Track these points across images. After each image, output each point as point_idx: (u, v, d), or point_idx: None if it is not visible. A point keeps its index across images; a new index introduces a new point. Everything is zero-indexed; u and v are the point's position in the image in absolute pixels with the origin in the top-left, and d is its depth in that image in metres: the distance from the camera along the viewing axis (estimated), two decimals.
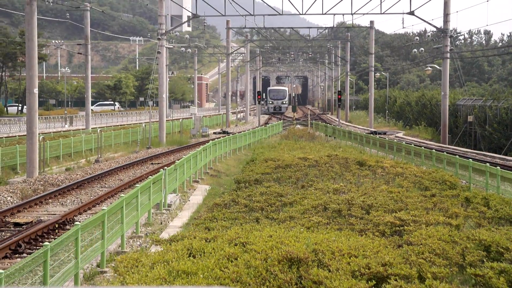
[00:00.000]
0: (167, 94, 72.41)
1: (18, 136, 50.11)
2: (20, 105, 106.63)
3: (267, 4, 50.46)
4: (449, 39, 50.61)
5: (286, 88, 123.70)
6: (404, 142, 38.76)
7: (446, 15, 49.96)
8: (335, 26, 69.56)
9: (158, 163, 35.07)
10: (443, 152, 30.67)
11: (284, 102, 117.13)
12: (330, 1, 50.35)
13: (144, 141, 49.10)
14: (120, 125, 71.56)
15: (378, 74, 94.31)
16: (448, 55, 51.02)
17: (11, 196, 23.29)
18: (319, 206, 16.81)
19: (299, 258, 11.76)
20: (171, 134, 57.93)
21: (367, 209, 16.38)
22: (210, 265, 11.51)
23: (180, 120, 64.92)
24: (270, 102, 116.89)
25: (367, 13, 53.32)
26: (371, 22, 76.11)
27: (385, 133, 58.89)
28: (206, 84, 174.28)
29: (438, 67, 63.88)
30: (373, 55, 75.08)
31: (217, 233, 13.76)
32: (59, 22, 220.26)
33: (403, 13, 52.54)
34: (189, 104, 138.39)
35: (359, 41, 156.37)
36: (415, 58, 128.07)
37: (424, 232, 13.61)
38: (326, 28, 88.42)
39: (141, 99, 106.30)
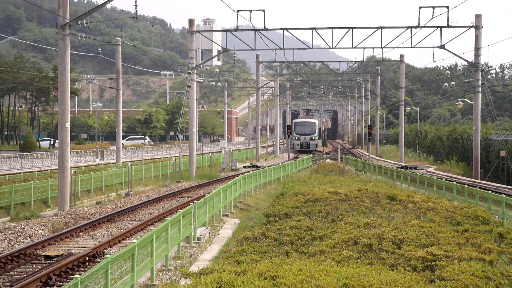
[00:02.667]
0: (197, 128, 72.82)
1: (50, 170, 50.61)
2: (52, 139, 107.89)
3: (297, 38, 50.70)
4: (480, 73, 50.35)
5: (316, 121, 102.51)
6: (435, 177, 38.40)
7: (477, 49, 49.76)
8: (365, 60, 69.64)
9: (188, 197, 35.13)
10: (475, 187, 30.32)
11: (313, 138, 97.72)
12: (360, 35, 50.70)
13: (174, 175, 49.28)
14: (150, 159, 71.96)
15: (408, 108, 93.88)
16: (480, 89, 50.70)
17: (42, 229, 23.45)
18: (349, 240, 16.67)
19: None
20: (201, 168, 58.09)
21: (398, 244, 16.19)
22: None
23: (210, 154, 65.12)
24: (296, 138, 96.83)
25: (397, 47, 53.30)
26: (401, 56, 76.06)
27: (416, 168, 58.45)
28: (236, 118, 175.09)
29: (469, 101, 63.48)
30: (403, 89, 74.85)
31: (247, 267, 13.70)
32: (91, 57, 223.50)
33: (433, 47, 52.47)
34: (219, 138, 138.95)
35: (389, 75, 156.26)
36: (445, 92, 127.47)
37: (456, 267, 13.42)
38: (356, 62, 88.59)
39: (171, 133, 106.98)
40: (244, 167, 61.86)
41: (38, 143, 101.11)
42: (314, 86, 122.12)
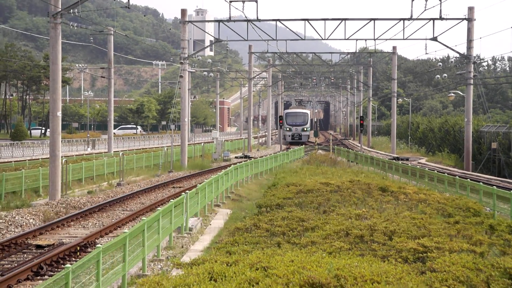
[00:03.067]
0: (189, 118, 72.70)
1: (41, 159, 50.46)
2: (43, 128, 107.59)
3: (289, 29, 50.63)
4: (472, 65, 50.44)
5: (308, 112, 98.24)
6: (427, 168, 38.49)
7: (469, 41, 49.83)
8: (357, 51, 69.66)
9: (180, 187, 35.10)
10: (467, 178, 30.40)
11: (305, 129, 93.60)
12: (352, 26, 50.59)
13: (166, 165, 49.22)
14: (142, 148, 71.86)
15: (400, 99, 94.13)
16: (472, 81, 50.80)
17: (33, 219, 23.39)
18: (341, 232, 16.69)
19: (321, 283, 11.65)
20: (193, 158, 58.04)
21: (389, 235, 16.22)
22: None
23: (202, 144, 65.07)
24: (287, 129, 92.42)
25: (390, 39, 53.30)
26: (394, 48, 76.13)
27: (407, 159, 58.59)
28: (228, 108, 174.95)
29: (461, 93, 63.61)
30: (396, 81, 74.93)
31: (239, 257, 13.70)
32: (83, 46, 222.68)
33: (426, 39, 52.49)
34: (211, 128, 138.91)
35: (382, 66, 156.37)
36: (438, 84, 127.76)
37: (447, 259, 13.45)
38: (348, 53, 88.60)
39: (163, 123, 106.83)
40: (236, 157, 61.85)
41: (29, 131, 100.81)
42: (307, 77, 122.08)
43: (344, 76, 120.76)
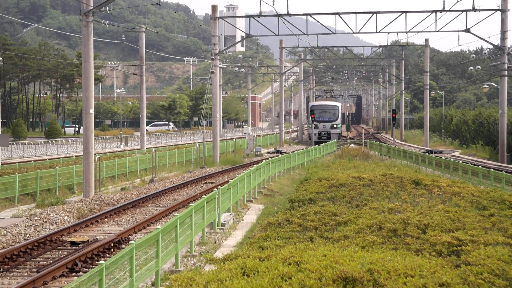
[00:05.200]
0: (221, 114, 72.92)
1: (75, 156, 50.97)
2: (77, 126, 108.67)
3: (320, 23, 50.43)
4: (506, 56, 49.78)
5: (339, 105, 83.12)
6: (461, 161, 38.10)
7: (503, 32, 49.17)
8: (389, 44, 69.12)
9: (212, 183, 35.19)
10: (502, 171, 30.02)
11: (335, 126, 78.96)
12: (384, 19, 50.28)
13: (198, 161, 49.39)
14: (175, 145, 72.20)
15: (433, 92, 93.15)
16: (506, 72, 50.14)
17: (68, 216, 23.62)
18: (374, 226, 16.60)
19: (354, 278, 11.60)
20: (225, 153, 58.17)
21: (423, 229, 16.09)
22: (264, 284, 11.44)
23: (234, 139, 65.17)
24: (314, 126, 77.00)
25: (422, 31, 52.82)
26: (426, 40, 75.40)
27: (441, 152, 58.05)
28: (260, 103, 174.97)
29: (495, 85, 62.82)
30: (428, 73, 74.25)
31: (271, 252, 13.69)
32: (115, 44, 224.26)
33: (459, 31, 51.94)
34: (243, 123, 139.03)
35: (414, 59, 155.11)
36: (471, 76, 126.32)
37: (482, 252, 13.30)
38: (380, 46, 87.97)
39: (195, 119, 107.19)
40: (268, 152, 61.81)
41: (63, 129, 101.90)
42: (338, 71, 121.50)
43: (376, 70, 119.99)
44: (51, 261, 16.56)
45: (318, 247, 14.35)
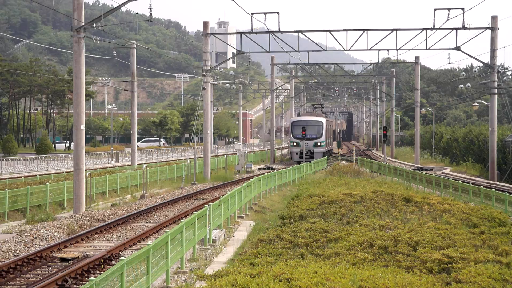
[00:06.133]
0: (212, 130, 72.95)
1: (66, 172, 50.83)
2: (67, 141, 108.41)
3: (311, 40, 50.65)
4: (496, 74, 50.07)
5: (323, 120, 73.06)
6: (451, 179, 38.21)
7: (493, 50, 49.49)
8: (380, 61, 69.37)
9: (203, 199, 35.16)
10: (492, 188, 30.11)
11: (319, 144, 70.64)
12: (374, 37, 50.64)
13: (189, 177, 49.34)
14: (166, 161, 72.12)
15: (424, 110, 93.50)
16: (496, 90, 50.43)
17: (58, 232, 23.53)
18: (364, 243, 16.61)
19: None
20: (216, 170, 58.12)
21: (414, 246, 16.11)
22: None
23: (225, 156, 65.17)
24: (294, 144, 70.43)
25: (412, 49, 53.06)
26: (417, 58, 75.83)
27: (431, 169, 58.19)
28: (251, 120, 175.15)
29: (485, 103, 63.15)
30: (419, 91, 74.61)
31: (262, 269, 13.68)
32: (106, 60, 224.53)
33: (449, 49, 52.22)
34: (234, 140, 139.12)
35: (404, 76, 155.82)
36: (461, 94, 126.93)
37: (473, 269, 13.33)
38: (371, 63, 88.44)
39: (186, 135, 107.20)
40: (259, 169, 61.83)
41: (53, 145, 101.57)
42: (329, 88, 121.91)
43: (367, 87, 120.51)
44: (41, 278, 16.49)
45: (309, 264, 14.35)
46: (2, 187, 32.67)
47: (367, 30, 48.98)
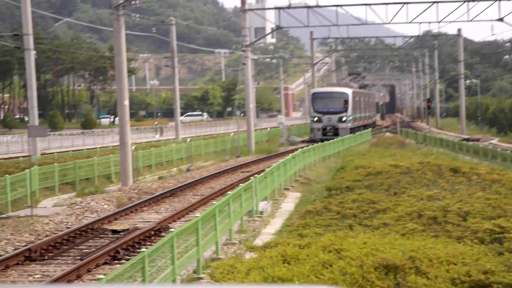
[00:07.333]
0: (254, 104, 73.01)
1: (112, 146, 51.42)
2: (111, 116, 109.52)
3: (350, 14, 50.08)
4: None
5: (349, 91, 62.16)
6: (499, 149, 37.69)
7: None
8: (421, 34, 68.32)
9: (248, 171, 35.22)
10: None
11: (343, 119, 59.54)
12: (415, 9, 49.50)
13: (233, 150, 49.49)
14: (209, 134, 72.45)
15: (468, 81, 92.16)
16: None
17: (107, 204, 23.87)
18: (413, 213, 16.51)
19: (395, 265, 11.58)
20: (259, 143, 58.15)
21: (463, 216, 15.97)
22: (305, 271, 11.48)
23: (268, 129, 65.13)
24: (315, 119, 60.96)
25: (454, 21, 52.23)
26: (459, 30, 74.58)
27: (478, 140, 57.41)
28: (292, 93, 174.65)
29: None
30: (463, 63, 73.51)
31: (311, 240, 13.72)
32: (146, 37, 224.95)
33: (492, 20, 51.25)
34: (276, 113, 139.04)
35: (447, 49, 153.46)
36: (506, 65, 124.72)
37: None
38: (412, 37, 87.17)
39: (229, 109, 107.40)
40: (303, 141, 61.63)
41: (98, 120, 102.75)
42: (370, 61, 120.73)
43: (409, 59, 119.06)
44: (94, 249, 16.77)
45: (357, 234, 14.34)
46: (51, 161, 33.18)
47: (407, 3, 48.18)
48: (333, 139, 46.04)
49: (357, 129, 61.96)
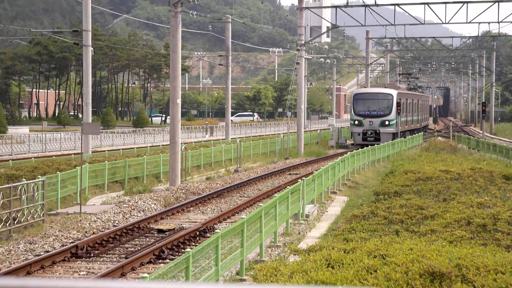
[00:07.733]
0: (305, 105, 72.78)
1: (162, 145, 51.90)
2: (163, 115, 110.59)
3: (408, 13, 49.57)
4: None
5: (394, 92, 57.68)
6: None
7: None
8: (480, 35, 67.21)
9: (296, 174, 35.17)
10: None
11: (388, 123, 55.73)
12: (475, 9, 48.68)
13: (282, 152, 49.45)
14: (259, 135, 72.55)
15: None
16: None
17: (155, 204, 24.08)
18: (462, 220, 16.22)
19: (441, 273, 11.38)
20: (309, 145, 57.98)
21: None
22: (349, 276, 11.36)
23: (318, 131, 64.93)
24: (355, 122, 56.93)
25: None
26: None
27: None
28: (345, 95, 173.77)
29: None
30: None
31: (356, 245, 13.57)
32: (202, 34, 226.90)
33: None
34: (327, 115, 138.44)
35: (506, 50, 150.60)
36: None
37: None
38: (470, 37, 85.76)
39: (280, 110, 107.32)
40: (353, 144, 61.25)
41: (150, 119, 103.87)
42: (426, 63, 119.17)
43: (465, 61, 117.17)
44: (139, 248, 16.92)
45: (404, 240, 14.13)
46: (102, 159, 33.63)
47: (467, 2, 47.43)
48: (373, 144, 42.59)
49: (402, 134, 58.40)
